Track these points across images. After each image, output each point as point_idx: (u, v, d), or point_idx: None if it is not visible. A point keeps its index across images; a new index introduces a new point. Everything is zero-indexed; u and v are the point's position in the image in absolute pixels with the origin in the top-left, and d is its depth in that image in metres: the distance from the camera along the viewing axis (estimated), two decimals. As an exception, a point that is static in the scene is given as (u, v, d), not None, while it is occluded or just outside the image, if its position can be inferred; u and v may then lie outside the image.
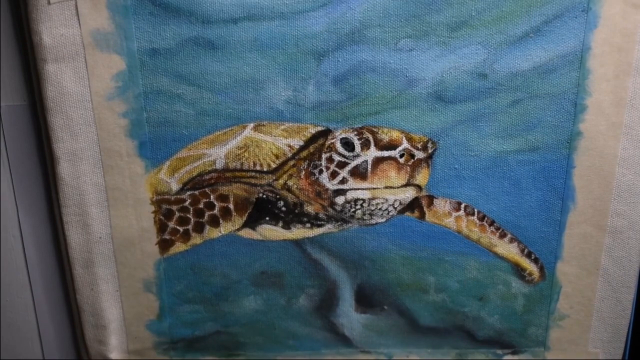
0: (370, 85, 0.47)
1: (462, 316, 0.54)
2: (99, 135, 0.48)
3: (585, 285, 0.52)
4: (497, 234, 0.51)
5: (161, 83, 0.47)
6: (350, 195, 0.49)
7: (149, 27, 0.45)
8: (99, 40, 0.45)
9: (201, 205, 0.50)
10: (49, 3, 0.44)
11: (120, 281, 0.52)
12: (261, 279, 0.53)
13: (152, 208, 0.50)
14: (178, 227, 0.51)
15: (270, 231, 0.51)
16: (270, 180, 0.50)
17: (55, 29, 0.45)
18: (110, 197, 0.49)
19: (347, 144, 0.48)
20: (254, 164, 0.49)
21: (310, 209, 0.50)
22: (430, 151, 0.48)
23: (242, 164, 0.49)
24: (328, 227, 0.51)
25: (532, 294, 0.53)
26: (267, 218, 0.51)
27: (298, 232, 0.51)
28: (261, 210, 0.50)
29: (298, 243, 0.52)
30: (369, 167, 0.48)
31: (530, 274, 0.52)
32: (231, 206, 0.50)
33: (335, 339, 0.55)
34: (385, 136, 0.48)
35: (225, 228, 0.51)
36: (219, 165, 0.49)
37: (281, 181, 0.50)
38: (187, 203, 0.50)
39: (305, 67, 0.46)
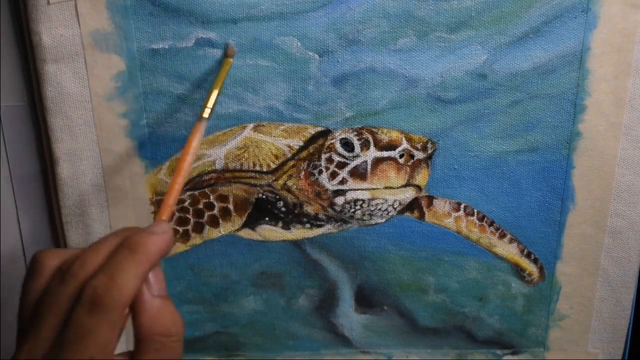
0: (370, 86, 0.47)
1: (461, 316, 0.54)
2: (99, 136, 0.48)
3: (585, 286, 0.52)
4: (497, 234, 0.51)
5: (161, 83, 0.47)
6: (349, 195, 0.49)
7: (148, 27, 0.45)
8: (99, 41, 0.45)
9: (201, 206, 0.50)
10: (48, 3, 0.44)
11: (119, 282, 0.52)
12: (261, 280, 0.53)
13: (152, 208, 0.50)
14: (178, 228, 0.51)
15: (270, 232, 0.51)
16: (270, 181, 0.50)
17: (54, 30, 0.45)
18: (110, 197, 0.49)
19: (347, 145, 0.48)
20: (254, 165, 0.49)
21: (309, 209, 0.50)
22: (429, 151, 0.48)
23: (241, 164, 0.49)
24: (328, 228, 0.51)
25: (531, 295, 0.53)
26: (267, 218, 0.51)
27: (298, 232, 0.51)
28: (261, 210, 0.50)
29: (298, 243, 0.52)
30: (369, 167, 0.48)
31: (529, 275, 0.52)
32: (231, 206, 0.50)
33: (335, 340, 0.55)
34: (384, 136, 0.48)
35: (224, 228, 0.51)
36: (219, 165, 0.49)
37: (281, 182, 0.50)
38: (186, 203, 0.50)
39: (305, 67, 0.46)
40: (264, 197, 0.50)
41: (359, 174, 0.48)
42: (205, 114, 0.43)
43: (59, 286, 0.34)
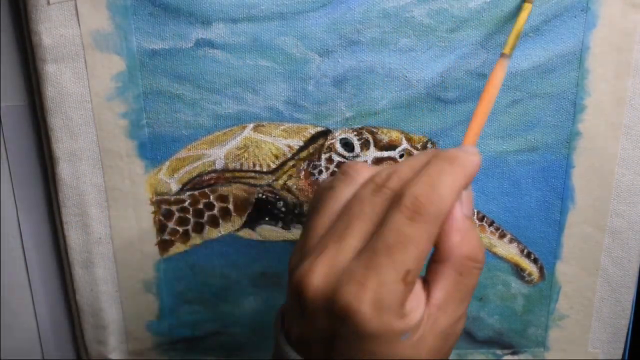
0: (370, 86, 0.47)
1: (461, 316, 0.54)
2: (99, 136, 0.48)
3: (584, 286, 0.52)
4: (497, 234, 0.51)
5: (161, 83, 0.47)
6: (350, 195, 0.49)
7: (148, 27, 0.45)
8: (99, 41, 0.45)
9: (201, 206, 0.50)
10: (48, 3, 0.44)
11: (119, 282, 0.52)
12: (261, 280, 0.53)
13: (152, 208, 0.50)
14: (178, 228, 0.51)
15: (270, 231, 0.51)
16: (270, 181, 0.50)
17: (54, 30, 0.45)
18: (110, 197, 0.49)
19: (347, 145, 0.48)
20: (254, 165, 0.49)
21: (310, 209, 0.50)
22: (429, 151, 0.48)
23: (241, 164, 0.49)
24: (328, 228, 0.51)
25: (531, 294, 0.53)
26: (267, 218, 0.51)
27: (298, 232, 0.51)
28: (261, 210, 0.50)
29: (298, 243, 0.52)
30: (369, 167, 0.48)
31: (529, 274, 0.52)
32: (231, 206, 0.50)
33: (335, 340, 0.55)
34: (384, 136, 0.48)
35: (224, 228, 0.51)
36: (219, 165, 0.49)
37: (281, 182, 0.50)
38: (186, 203, 0.50)
39: (305, 67, 0.46)
40: (264, 197, 0.50)
41: (359, 173, 0.48)
42: (507, 51, 0.42)
43: (374, 196, 0.32)
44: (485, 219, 0.51)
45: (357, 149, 0.48)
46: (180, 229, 0.51)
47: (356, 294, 0.30)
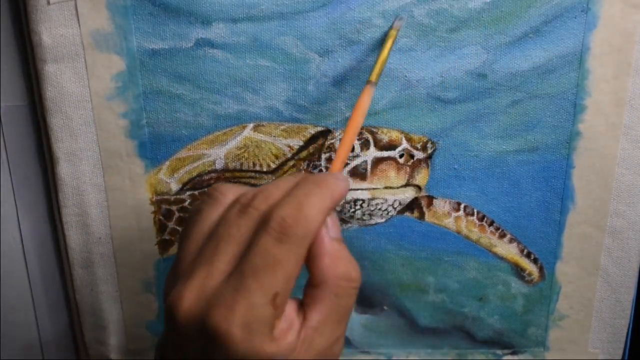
0: (370, 86, 0.47)
1: (461, 316, 0.54)
2: (99, 136, 0.48)
3: (584, 286, 0.52)
4: (497, 234, 0.51)
5: (161, 83, 0.47)
6: (349, 195, 0.49)
7: (148, 27, 0.45)
8: (99, 41, 0.45)
9: (201, 206, 0.50)
10: (48, 3, 0.44)
11: (119, 282, 0.52)
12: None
13: (152, 208, 0.50)
14: (178, 228, 0.51)
15: (270, 231, 0.51)
16: (270, 181, 0.50)
17: (54, 29, 0.45)
18: (110, 197, 0.49)
19: (347, 145, 0.48)
20: (254, 165, 0.49)
21: (309, 209, 0.50)
22: (429, 151, 0.48)
23: (241, 164, 0.49)
24: (328, 228, 0.51)
25: (531, 294, 0.53)
26: (267, 218, 0.51)
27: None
28: (261, 210, 0.50)
29: (298, 243, 0.52)
30: (369, 167, 0.48)
31: (529, 274, 0.52)
32: (231, 206, 0.50)
33: (335, 340, 0.55)
34: (384, 136, 0.48)
35: (224, 228, 0.51)
36: (219, 165, 0.49)
37: (281, 181, 0.50)
38: (186, 203, 0.50)
39: (305, 67, 0.46)
40: (264, 197, 0.50)
41: (359, 173, 0.48)
42: (373, 78, 0.42)
43: (239, 217, 0.33)
44: (485, 218, 0.51)
45: (357, 148, 0.48)
46: (180, 229, 0.51)
47: (225, 316, 0.30)
